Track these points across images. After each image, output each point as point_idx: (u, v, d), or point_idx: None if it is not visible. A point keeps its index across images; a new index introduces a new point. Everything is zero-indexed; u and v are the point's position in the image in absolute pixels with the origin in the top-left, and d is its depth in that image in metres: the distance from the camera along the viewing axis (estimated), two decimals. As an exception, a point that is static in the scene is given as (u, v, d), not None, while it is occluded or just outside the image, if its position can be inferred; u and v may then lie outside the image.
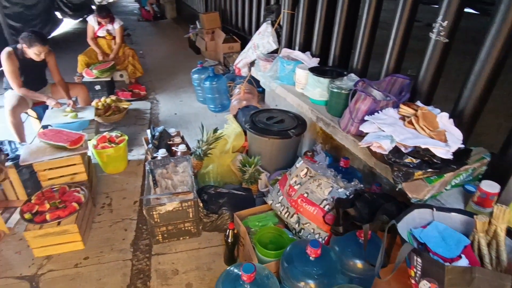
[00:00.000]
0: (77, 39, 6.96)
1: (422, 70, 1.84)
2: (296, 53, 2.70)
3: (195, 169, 2.50)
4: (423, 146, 1.44)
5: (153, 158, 2.47)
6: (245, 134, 2.71)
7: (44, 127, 2.69)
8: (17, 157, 2.20)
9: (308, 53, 2.69)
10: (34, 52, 2.66)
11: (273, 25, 3.50)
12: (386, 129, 1.57)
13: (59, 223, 1.87)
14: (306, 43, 2.84)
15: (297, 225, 1.74)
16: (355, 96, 1.84)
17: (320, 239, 1.67)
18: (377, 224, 1.47)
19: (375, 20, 2.14)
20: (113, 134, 2.71)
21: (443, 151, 1.44)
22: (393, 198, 1.62)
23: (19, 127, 2.76)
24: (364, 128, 1.65)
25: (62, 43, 6.93)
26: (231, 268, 1.41)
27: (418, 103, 1.74)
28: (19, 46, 2.69)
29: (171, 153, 2.62)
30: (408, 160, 1.49)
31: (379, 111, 1.72)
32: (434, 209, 1.35)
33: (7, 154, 2.25)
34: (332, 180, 1.72)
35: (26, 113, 3.04)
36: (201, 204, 2.01)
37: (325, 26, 2.58)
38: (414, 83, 1.89)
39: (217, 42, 5.11)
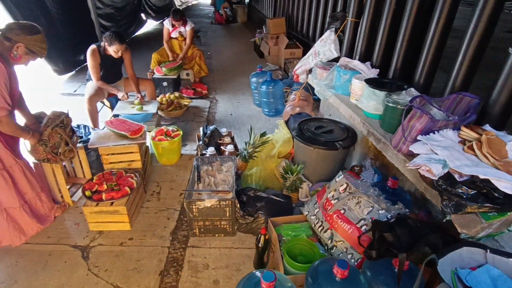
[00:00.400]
0: (156, 38, 7.63)
1: (495, 89, 1.62)
2: (355, 63, 2.59)
3: (240, 170, 2.56)
4: (482, 176, 1.27)
5: (202, 154, 2.60)
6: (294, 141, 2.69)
7: (115, 116, 3.02)
8: (88, 140, 2.51)
9: (368, 63, 2.56)
10: (113, 50, 3.01)
11: (336, 32, 3.41)
12: (440, 152, 1.42)
13: (112, 203, 2.08)
14: (367, 53, 2.71)
15: (329, 241, 1.67)
16: (411, 112, 1.69)
17: (352, 260, 1.58)
18: (417, 255, 1.34)
19: (445, 29, 1.94)
20: (170, 128, 2.92)
21: (509, 185, 1.25)
22: (441, 229, 1.46)
23: (94, 114, 3.14)
24: (414, 148, 1.51)
25: (143, 41, 7.68)
26: (255, 273, 1.41)
27: (487, 127, 1.54)
28: (102, 44, 3.06)
29: (220, 152, 2.72)
30: (461, 190, 1.32)
31: (436, 132, 1.56)
32: (488, 250, 1.18)
33: (81, 137, 2.57)
34: (374, 200, 1.61)
35: (102, 102, 3.45)
36: (238, 205, 2.04)
37: (389, 36, 2.42)
38: (484, 104, 1.67)
39: (280, 47, 5.15)
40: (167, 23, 4.61)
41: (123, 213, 2.09)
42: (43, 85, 4.75)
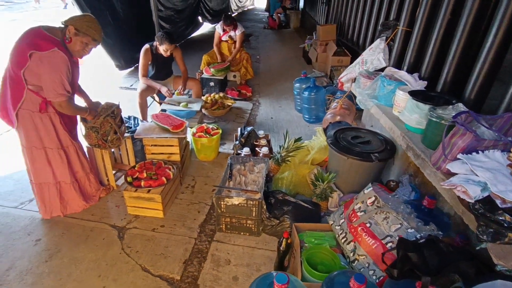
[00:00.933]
0: (209, 41, 7.95)
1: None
2: (401, 73, 2.47)
3: (272, 173, 2.58)
4: (528, 205, 1.15)
5: (237, 154, 2.67)
6: (329, 149, 2.65)
7: (163, 110, 3.23)
8: (135, 131, 2.72)
9: (416, 74, 2.43)
10: (163, 49, 3.23)
11: (386, 41, 3.28)
12: (481, 174, 1.31)
13: (149, 191, 2.23)
14: (416, 63, 2.57)
15: (352, 254, 1.62)
16: (453, 129, 1.58)
17: (373, 277, 1.51)
18: (443, 281, 1.25)
19: (504, 41, 1.78)
20: (210, 126, 3.04)
21: (560, 218, 1.12)
22: (475, 257, 1.34)
23: (143, 108, 3.40)
24: (452, 167, 1.41)
25: (197, 43, 8.07)
26: (271, 273, 1.42)
27: (543, 152, 1.39)
28: (154, 43, 3.31)
29: (255, 153, 2.77)
30: (503, 217, 1.21)
31: (480, 152, 1.44)
32: (526, 287, 1.07)
33: (129, 127, 2.80)
34: (403, 217, 1.54)
35: (153, 97, 3.70)
36: (264, 206, 2.07)
37: (441, 46, 2.28)
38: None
39: (328, 54, 5.09)
40: (218, 28, 4.82)
41: (158, 201, 2.23)
42: (106, 79, 5.22)
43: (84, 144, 2.39)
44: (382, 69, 3.26)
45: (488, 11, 1.98)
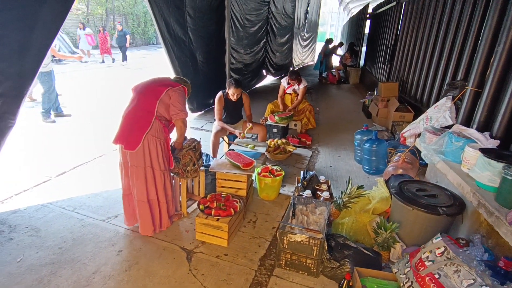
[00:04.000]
0: (271, 91, 8.60)
1: None
2: (471, 131, 2.49)
3: (332, 217, 2.65)
4: None
5: (299, 195, 2.81)
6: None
7: (231, 150, 3.57)
8: (208, 165, 3.04)
9: (486, 133, 2.43)
10: (230, 93, 3.69)
11: (453, 100, 3.33)
12: None
13: (218, 219, 2.45)
14: (487, 122, 2.57)
15: (418, 305, 1.60)
16: (531, 187, 1.57)
17: (442, 332, 1.47)
18: None
19: None
20: (275, 167, 3.26)
21: None
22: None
23: (215, 146, 3.79)
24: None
25: (260, 93, 8.73)
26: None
27: None
28: (226, 90, 3.78)
29: (315, 196, 2.88)
30: None
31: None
32: None
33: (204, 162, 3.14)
34: (477, 273, 1.51)
35: (223, 138, 4.11)
36: (326, 247, 2.13)
37: (515, 108, 2.29)
38: None
39: (389, 110, 5.17)
40: (284, 81, 5.28)
41: (224, 230, 2.42)
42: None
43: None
44: (448, 127, 3.27)
45: None
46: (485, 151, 2.11)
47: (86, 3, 18.46)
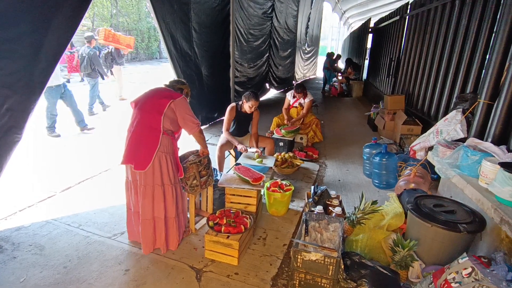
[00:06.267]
0: (274, 105, 8.61)
1: None
2: (487, 145, 2.43)
3: (345, 234, 2.57)
4: None
5: (310, 211, 2.74)
6: (405, 216, 2.58)
7: (237, 164, 3.51)
8: (216, 181, 2.98)
9: (503, 146, 2.38)
10: (248, 106, 3.65)
11: (464, 113, 3.29)
12: None
13: (228, 237, 2.37)
14: (502, 136, 2.52)
15: (446, 330, 1.51)
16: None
17: None
18: None
19: None
20: (284, 182, 3.20)
21: None
22: None
23: (221, 161, 3.73)
24: None
25: (263, 106, 8.72)
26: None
27: None
28: (240, 102, 3.75)
29: (327, 212, 2.81)
30: None
31: None
32: None
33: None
34: (507, 295, 1.42)
35: (229, 152, 4.05)
36: (342, 266, 2.05)
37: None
38: None
39: (396, 123, 5.13)
40: (289, 95, 5.27)
41: (235, 248, 2.34)
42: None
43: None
44: (459, 140, 3.22)
45: None
46: (505, 165, 2.05)
47: (92, 19, 18.82)
